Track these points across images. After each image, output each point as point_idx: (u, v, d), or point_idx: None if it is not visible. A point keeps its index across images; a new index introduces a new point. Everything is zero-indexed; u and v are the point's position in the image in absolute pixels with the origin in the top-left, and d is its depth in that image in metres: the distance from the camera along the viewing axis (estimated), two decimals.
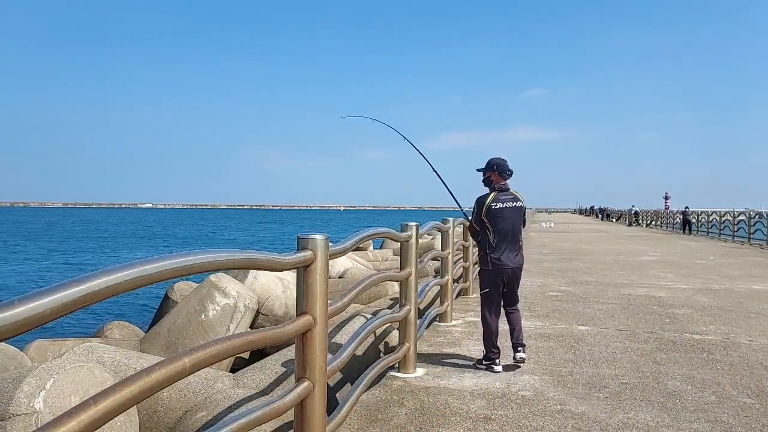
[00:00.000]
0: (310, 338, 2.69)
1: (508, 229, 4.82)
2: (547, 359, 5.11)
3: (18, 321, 1.25)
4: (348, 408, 3.32)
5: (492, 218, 4.80)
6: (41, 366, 3.82)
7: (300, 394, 2.63)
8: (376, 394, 4.07)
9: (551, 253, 16.56)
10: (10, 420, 3.50)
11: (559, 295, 8.87)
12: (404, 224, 4.73)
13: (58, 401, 3.64)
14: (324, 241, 2.75)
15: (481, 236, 4.91)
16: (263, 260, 2.43)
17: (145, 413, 4.32)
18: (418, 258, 4.91)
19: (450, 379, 4.50)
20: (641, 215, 48.49)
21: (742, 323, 6.80)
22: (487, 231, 4.84)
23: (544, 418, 3.65)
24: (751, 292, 9.33)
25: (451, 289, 6.95)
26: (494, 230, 4.80)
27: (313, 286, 2.71)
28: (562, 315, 7.19)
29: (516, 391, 4.19)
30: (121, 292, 1.57)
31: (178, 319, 7.59)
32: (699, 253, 17.43)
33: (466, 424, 3.56)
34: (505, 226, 4.81)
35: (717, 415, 3.75)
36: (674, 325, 6.67)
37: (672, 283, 10.29)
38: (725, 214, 28.33)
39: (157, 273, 1.71)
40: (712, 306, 7.96)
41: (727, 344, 5.73)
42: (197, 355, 1.94)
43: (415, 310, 4.70)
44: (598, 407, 3.87)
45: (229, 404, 3.98)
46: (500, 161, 4.94)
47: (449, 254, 6.86)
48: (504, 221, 4.80)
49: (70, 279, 1.43)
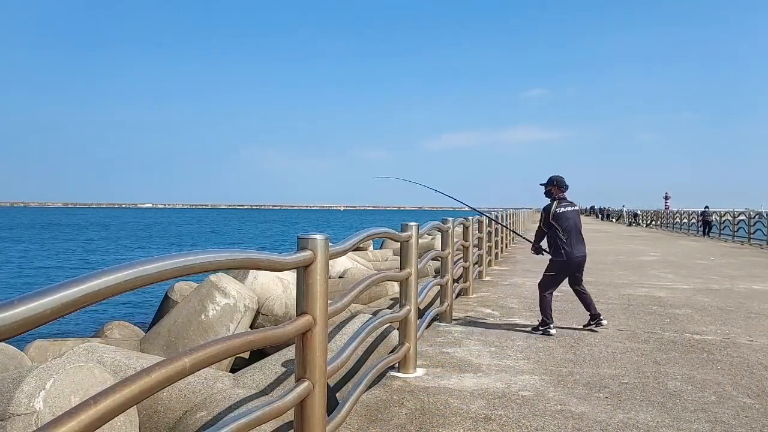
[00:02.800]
0: (310, 338, 2.69)
1: (572, 227, 6.24)
2: (547, 359, 5.11)
3: (18, 321, 1.24)
4: (348, 408, 3.31)
5: (558, 220, 6.23)
6: (41, 366, 3.82)
7: (300, 394, 2.63)
8: (376, 394, 4.07)
9: None
10: (10, 420, 3.50)
11: (560, 295, 8.85)
12: (404, 224, 4.74)
13: (58, 401, 3.63)
14: (324, 241, 2.75)
15: (549, 234, 6.30)
16: (263, 260, 2.43)
17: (145, 413, 4.32)
18: (418, 258, 4.91)
19: (450, 379, 4.50)
20: (641, 215, 48.48)
21: (743, 323, 6.80)
22: (556, 230, 6.21)
23: (544, 418, 3.65)
24: (751, 292, 9.33)
25: (451, 289, 6.95)
26: (562, 228, 6.21)
27: (313, 286, 2.71)
28: (562, 315, 7.19)
29: (516, 391, 4.19)
30: (121, 292, 1.57)
31: (178, 319, 7.59)
32: (699, 253, 17.43)
33: (466, 424, 3.56)
34: (569, 225, 6.23)
35: (717, 415, 3.75)
36: (674, 325, 6.67)
37: (672, 283, 10.29)
38: (725, 214, 28.30)
39: (157, 273, 1.70)
40: (712, 306, 7.96)
41: (728, 344, 5.73)
42: (197, 355, 1.94)
43: (415, 310, 4.70)
44: (598, 407, 3.87)
45: (229, 404, 3.98)
46: (559, 178, 6.48)
47: (449, 254, 6.86)
48: (568, 221, 6.24)
49: (70, 279, 1.43)
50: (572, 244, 6.20)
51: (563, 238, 6.18)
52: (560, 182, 6.45)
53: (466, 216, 8.91)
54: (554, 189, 6.46)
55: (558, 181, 6.45)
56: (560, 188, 6.44)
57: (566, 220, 6.22)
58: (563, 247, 6.18)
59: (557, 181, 6.46)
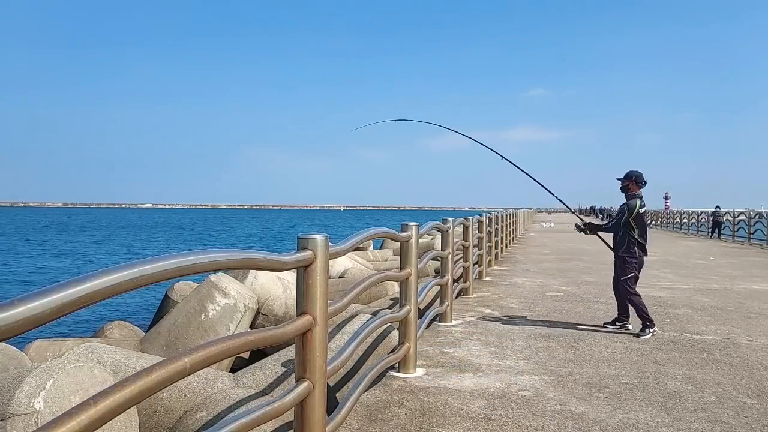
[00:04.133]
0: (310, 338, 2.69)
1: (645, 227, 6.17)
2: (547, 359, 5.11)
3: (18, 321, 1.24)
4: (348, 408, 3.31)
5: (638, 220, 6.08)
6: (41, 366, 3.82)
7: (300, 394, 2.63)
8: (376, 394, 4.07)
9: (551, 253, 16.56)
10: (10, 420, 3.50)
11: (560, 295, 8.87)
12: (404, 224, 4.74)
13: (58, 401, 3.64)
14: (324, 241, 2.75)
15: (621, 232, 6.15)
16: (263, 260, 2.43)
17: (145, 413, 4.32)
18: (418, 258, 4.91)
19: (450, 379, 4.50)
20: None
21: (742, 323, 6.80)
22: (633, 230, 6.08)
23: (544, 418, 3.65)
24: (751, 292, 9.33)
25: (451, 289, 6.95)
26: (639, 229, 6.09)
27: (313, 286, 2.71)
28: (563, 315, 7.19)
29: (516, 391, 4.19)
30: (121, 292, 1.57)
31: (178, 319, 7.59)
32: (699, 253, 17.44)
33: (466, 424, 3.56)
34: (644, 225, 6.15)
35: (717, 415, 3.75)
36: (674, 325, 6.67)
37: (672, 283, 10.29)
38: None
39: (157, 273, 1.70)
40: (712, 306, 7.96)
41: (727, 344, 5.73)
42: (197, 355, 1.94)
43: (415, 310, 4.70)
44: (598, 407, 3.87)
45: (229, 404, 3.98)
46: (638, 174, 6.20)
47: (449, 254, 6.86)
48: (644, 221, 6.15)
49: (70, 279, 1.43)
50: (645, 244, 6.17)
51: (638, 239, 6.09)
52: (639, 178, 6.18)
53: (466, 216, 8.91)
54: (632, 185, 6.19)
55: (637, 177, 6.18)
56: (638, 184, 6.19)
57: (643, 220, 6.14)
58: (639, 246, 6.12)
59: (636, 177, 6.18)
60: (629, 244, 6.12)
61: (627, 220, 6.07)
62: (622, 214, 6.12)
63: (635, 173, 6.18)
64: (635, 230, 6.08)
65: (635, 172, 6.19)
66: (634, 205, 6.05)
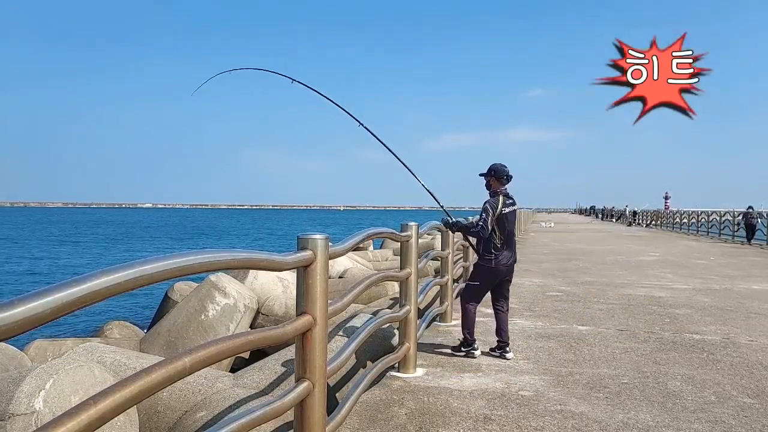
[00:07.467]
0: (310, 338, 2.69)
1: (509, 231, 5.15)
2: (547, 359, 5.11)
3: (18, 321, 1.25)
4: (348, 408, 3.31)
5: (499, 221, 5.06)
6: (41, 366, 3.82)
7: (300, 394, 2.63)
8: (376, 394, 4.07)
9: (551, 253, 16.56)
10: (10, 420, 3.50)
11: (559, 295, 8.87)
12: (404, 224, 4.74)
13: (58, 401, 3.64)
14: (324, 241, 2.75)
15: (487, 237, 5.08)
16: (263, 260, 2.43)
17: (145, 413, 4.32)
18: (418, 258, 4.91)
19: (450, 379, 4.50)
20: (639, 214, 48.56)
21: (742, 323, 6.80)
22: (494, 233, 5.07)
23: (544, 418, 3.65)
24: (751, 292, 9.33)
25: (451, 289, 6.95)
26: (500, 233, 5.07)
27: (313, 286, 2.71)
28: (562, 315, 7.19)
29: (516, 391, 4.19)
30: (121, 292, 1.57)
31: (178, 319, 7.59)
32: (699, 253, 17.44)
33: (466, 424, 3.56)
34: (509, 229, 5.13)
35: (717, 415, 3.74)
36: (674, 325, 6.67)
37: (672, 283, 10.29)
38: (725, 214, 28.28)
39: (157, 273, 1.70)
40: (712, 306, 7.96)
41: (727, 344, 5.73)
42: (197, 355, 1.94)
43: (415, 310, 4.70)
44: (598, 407, 3.87)
45: (229, 404, 3.98)
46: (500, 167, 5.14)
47: (449, 254, 6.87)
48: (508, 224, 5.12)
49: (70, 279, 1.43)
50: (504, 251, 5.10)
51: (498, 244, 5.06)
52: (499, 172, 5.09)
53: (467, 216, 8.91)
54: (493, 181, 5.12)
55: (497, 172, 5.10)
56: (500, 180, 5.11)
57: (507, 223, 5.09)
58: (494, 252, 5.07)
59: (495, 171, 5.10)
60: (485, 250, 5.13)
61: (493, 220, 5.03)
62: (485, 214, 5.05)
63: (495, 167, 5.11)
64: (496, 236, 5.05)
65: (495, 166, 5.12)
66: (496, 204, 5.01)
